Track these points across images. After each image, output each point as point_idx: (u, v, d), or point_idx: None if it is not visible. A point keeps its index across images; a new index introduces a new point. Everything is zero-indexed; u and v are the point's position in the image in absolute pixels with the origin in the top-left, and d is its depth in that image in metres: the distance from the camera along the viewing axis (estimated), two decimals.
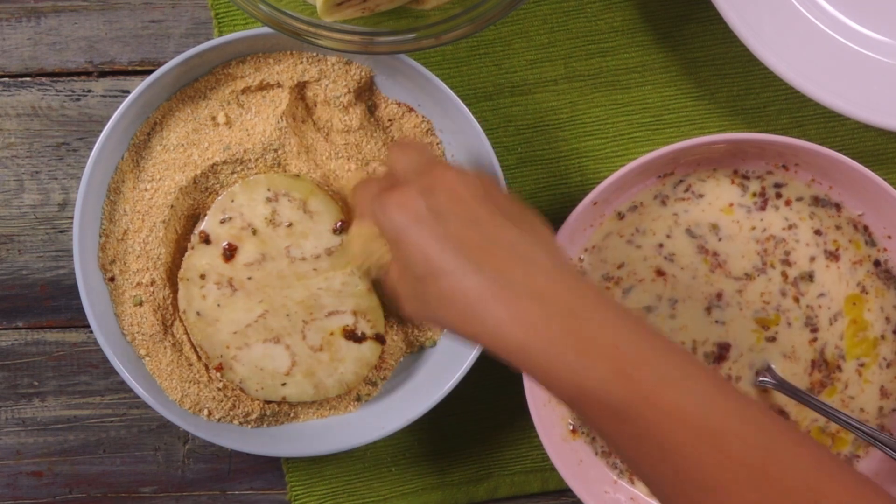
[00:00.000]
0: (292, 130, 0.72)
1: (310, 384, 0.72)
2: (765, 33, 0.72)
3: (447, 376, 0.73)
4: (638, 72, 0.78)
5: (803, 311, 0.76)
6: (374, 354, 0.73)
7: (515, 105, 0.78)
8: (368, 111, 0.74)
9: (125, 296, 0.73)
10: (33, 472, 0.79)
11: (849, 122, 0.78)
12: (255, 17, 0.65)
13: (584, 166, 0.78)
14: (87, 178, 0.71)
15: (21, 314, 0.78)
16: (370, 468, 0.79)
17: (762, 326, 0.76)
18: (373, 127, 0.74)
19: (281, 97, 0.72)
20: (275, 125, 0.71)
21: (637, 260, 0.75)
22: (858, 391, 0.76)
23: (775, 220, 0.75)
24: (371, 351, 0.72)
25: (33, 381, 0.78)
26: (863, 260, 0.76)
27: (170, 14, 0.77)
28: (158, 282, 0.72)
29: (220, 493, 0.79)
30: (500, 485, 0.79)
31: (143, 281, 0.72)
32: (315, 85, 0.73)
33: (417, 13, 0.70)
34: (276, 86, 0.72)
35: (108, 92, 0.77)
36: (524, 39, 0.77)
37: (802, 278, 0.76)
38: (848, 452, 0.77)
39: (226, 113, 0.72)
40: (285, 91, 0.72)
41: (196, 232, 0.71)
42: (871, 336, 0.76)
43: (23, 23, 0.77)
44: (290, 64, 0.72)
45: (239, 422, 0.74)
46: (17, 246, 0.78)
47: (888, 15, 0.76)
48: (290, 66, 0.72)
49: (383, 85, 0.74)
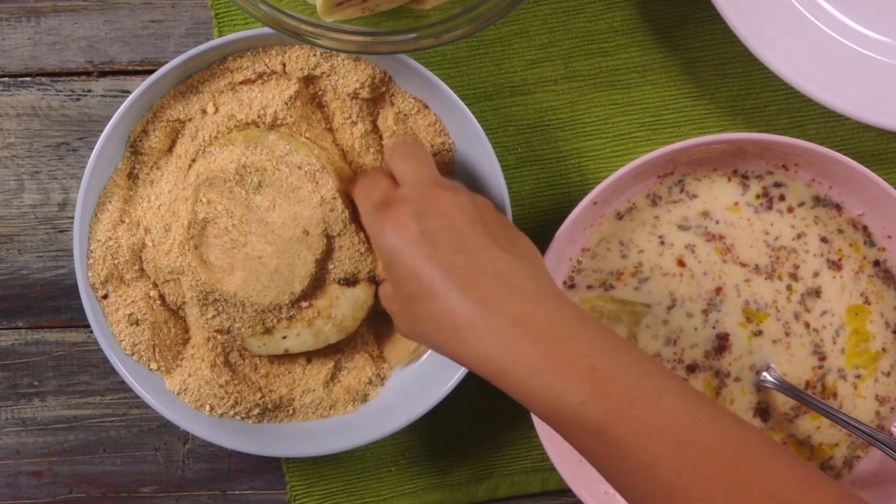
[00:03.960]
0: (300, 115, 0.72)
1: (309, 334, 0.72)
2: (765, 33, 0.72)
3: (447, 376, 0.73)
4: (638, 72, 0.78)
5: (811, 338, 0.76)
6: (369, 296, 0.72)
7: (515, 105, 0.78)
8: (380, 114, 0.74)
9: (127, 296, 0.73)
10: (33, 472, 0.79)
11: (849, 122, 0.78)
12: (255, 17, 0.65)
13: (584, 166, 0.78)
14: (87, 178, 0.71)
15: (21, 314, 0.78)
16: (370, 468, 0.79)
17: (759, 332, 0.76)
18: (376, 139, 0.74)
19: (288, 84, 0.72)
20: (281, 105, 0.71)
21: (653, 254, 0.75)
22: (851, 407, 0.77)
23: (785, 229, 0.75)
24: (364, 293, 0.72)
25: (33, 381, 0.78)
26: (864, 266, 0.76)
27: (170, 14, 0.77)
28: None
29: (220, 493, 0.79)
30: (500, 485, 0.79)
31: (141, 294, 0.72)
32: (324, 80, 0.72)
33: (417, 13, 0.70)
34: (282, 74, 0.72)
35: (108, 92, 0.77)
36: (524, 39, 0.77)
37: (810, 294, 0.76)
38: (847, 453, 0.77)
39: (214, 103, 0.72)
40: (293, 80, 0.72)
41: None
42: (872, 349, 0.76)
43: (23, 23, 0.77)
44: (300, 54, 0.72)
45: (241, 417, 0.74)
46: (17, 246, 0.78)
47: (888, 15, 0.76)
48: (301, 57, 0.72)
49: (399, 80, 0.74)
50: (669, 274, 0.75)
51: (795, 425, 0.77)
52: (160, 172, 0.73)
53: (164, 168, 0.73)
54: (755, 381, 0.76)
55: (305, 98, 0.73)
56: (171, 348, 0.74)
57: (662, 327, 0.76)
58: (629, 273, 0.75)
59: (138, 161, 0.73)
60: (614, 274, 0.75)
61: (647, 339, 0.76)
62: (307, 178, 0.70)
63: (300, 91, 0.72)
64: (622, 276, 0.75)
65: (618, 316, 0.75)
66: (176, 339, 0.74)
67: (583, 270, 0.75)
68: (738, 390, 0.76)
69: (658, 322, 0.76)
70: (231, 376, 0.74)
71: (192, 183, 0.70)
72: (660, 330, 0.76)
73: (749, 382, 0.76)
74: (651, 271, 0.75)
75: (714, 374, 0.76)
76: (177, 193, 0.72)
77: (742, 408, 0.76)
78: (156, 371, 0.73)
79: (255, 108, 0.72)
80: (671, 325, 0.76)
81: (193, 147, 0.72)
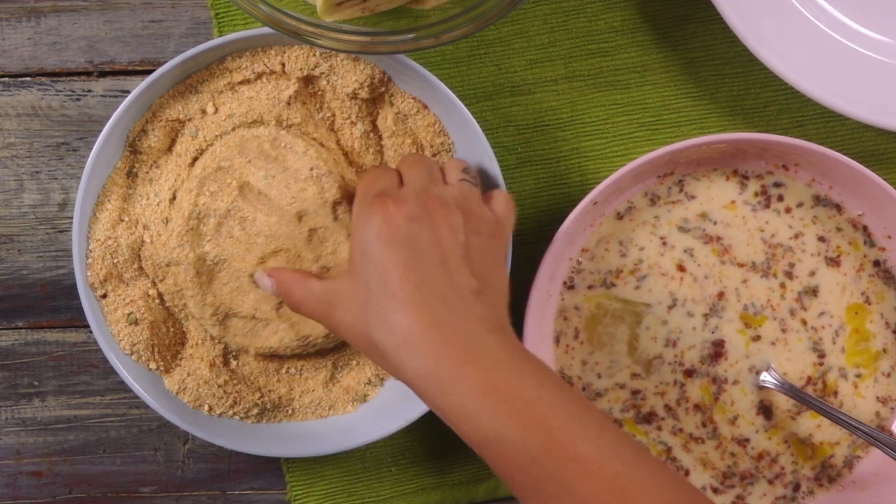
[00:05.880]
0: (299, 114, 0.72)
1: (290, 328, 0.72)
2: (765, 33, 0.72)
3: None
4: (638, 72, 0.78)
5: (809, 335, 0.76)
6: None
7: (515, 105, 0.78)
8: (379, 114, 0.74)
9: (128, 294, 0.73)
10: (33, 472, 0.79)
11: (849, 122, 0.78)
12: (255, 17, 0.65)
13: (584, 166, 0.78)
14: (86, 178, 0.71)
15: (21, 314, 0.78)
16: (370, 468, 0.79)
17: (757, 338, 0.76)
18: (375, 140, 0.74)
19: (287, 84, 0.72)
20: (281, 105, 0.71)
21: (653, 252, 0.75)
22: (851, 407, 0.77)
23: (782, 228, 0.75)
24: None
25: (33, 381, 0.78)
26: (864, 265, 0.76)
27: (170, 14, 0.77)
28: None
29: (220, 493, 0.79)
30: (500, 485, 0.79)
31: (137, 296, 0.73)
32: (324, 80, 0.72)
33: (417, 13, 0.70)
34: (281, 74, 0.72)
35: (108, 92, 0.77)
36: (524, 39, 0.77)
37: (806, 292, 0.76)
38: (848, 453, 0.77)
39: (214, 103, 0.72)
40: (293, 80, 0.72)
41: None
42: (872, 349, 0.76)
43: (23, 23, 0.77)
44: (300, 54, 0.72)
45: (240, 417, 0.74)
46: (17, 246, 0.78)
47: (888, 15, 0.76)
48: (301, 57, 0.72)
49: (398, 81, 0.74)
50: (668, 275, 0.75)
51: (797, 423, 0.77)
52: (159, 171, 0.73)
53: (164, 166, 0.73)
54: (756, 381, 0.76)
55: (305, 98, 0.73)
56: (169, 348, 0.74)
57: (662, 328, 0.76)
58: (628, 271, 0.75)
59: (137, 160, 0.73)
60: (613, 273, 0.75)
61: (648, 342, 0.76)
62: (313, 181, 0.70)
63: (299, 91, 0.72)
64: (621, 273, 0.75)
65: (621, 315, 0.75)
66: (175, 339, 0.74)
67: (582, 271, 0.75)
68: (738, 392, 0.76)
69: (658, 322, 0.76)
70: (230, 376, 0.74)
71: (197, 175, 0.70)
72: (659, 331, 0.76)
73: (749, 383, 0.76)
74: (650, 269, 0.75)
75: (711, 381, 0.76)
76: (178, 185, 0.72)
77: (744, 408, 0.76)
78: (155, 371, 0.73)
79: (255, 108, 0.72)
80: (671, 325, 0.76)
81: (194, 146, 0.72)
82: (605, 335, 0.76)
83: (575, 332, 0.76)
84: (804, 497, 0.77)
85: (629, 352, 0.76)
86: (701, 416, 0.76)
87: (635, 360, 0.76)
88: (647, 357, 0.76)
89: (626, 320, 0.76)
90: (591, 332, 0.76)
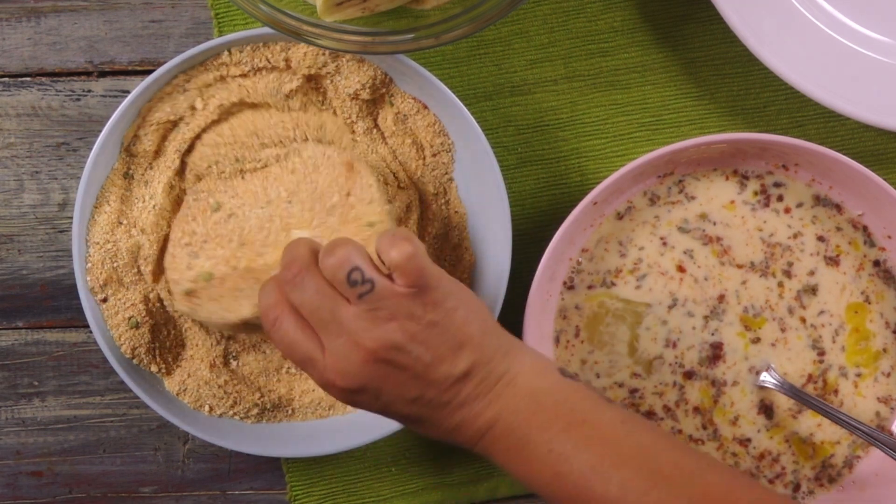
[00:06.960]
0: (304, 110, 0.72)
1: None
2: (765, 33, 0.72)
3: None
4: (638, 72, 0.78)
5: (808, 332, 0.76)
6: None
7: (515, 105, 0.78)
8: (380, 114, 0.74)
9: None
10: (33, 472, 0.79)
11: (849, 122, 0.78)
12: (255, 17, 0.65)
13: (584, 166, 0.78)
14: (86, 178, 0.71)
15: (21, 314, 0.78)
16: (370, 468, 0.79)
17: (757, 340, 0.76)
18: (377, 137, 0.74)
19: (291, 78, 0.72)
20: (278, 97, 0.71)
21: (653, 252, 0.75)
22: (852, 406, 0.77)
23: (781, 228, 0.75)
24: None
25: (33, 381, 0.78)
26: (864, 265, 0.76)
27: (170, 14, 0.77)
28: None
29: (220, 493, 0.79)
30: (500, 485, 0.79)
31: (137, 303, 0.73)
32: (327, 79, 0.72)
33: (417, 13, 0.70)
34: (285, 69, 0.72)
35: (108, 92, 0.77)
36: (524, 39, 0.77)
37: (805, 291, 0.76)
38: (848, 452, 0.77)
39: (203, 98, 0.72)
40: (298, 75, 0.72)
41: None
42: (872, 348, 0.76)
43: (23, 23, 0.77)
44: (309, 52, 0.71)
45: (240, 417, 0.74)
46: (17, 246, 0.78)
47: (888, 15, 0.76)
48: (310, 55, 0.71)
49: (398, 81, 0.74)
50: (668, 275, 0.75)
51: (798, 421, 0.77)
52: (154, 172, 0.73)
53: (157, 167, 0.73)
54: (756, 381, 0.76)
55: (307, 94, 0.73)
56: (171, 350, 0.74)
57: (662, 328, 0.76)
58: (627, 271, 0.75)
59: (133, 162, 0.73)
60: (612, 272, 0.75)
61: (648, 342, 0.76)
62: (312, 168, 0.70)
63: (302, 86, 0.72)
64: (621, 272, 0.75)
65: (622, 315, 0.75)
66: (175, 341, 0.74)
67: (582, 271, 0.75)
68: (737, 393, 0.76)
69: (658, 322, 0.76)
70: (230, 377, 0.74)
71: (190, 170, 0.70)
72: (659, 331, 0.76)
73: (749, 384, 0.76)
74: (649, 268, 0.75)
75: (710, 384, 0.76)
76: (171, 185, 0.72)
77: (745, 408, 0.76)
78: (156, 373, 0.73)
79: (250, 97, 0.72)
80: (671, 325, 0.76)
81: (186, 144, 0.72)
82: (605, 335, 0.76)
83: (576, 331, 0.76)
84: (804, 497, 0.77)
85: (630, 352, 0.76)
86: (701, 418, 0.76)
87: (636, 361, 0.76)
88: (647, 357, 0.76)
89: (627, 320, 0.76)
90: (592, 331, 0.76)
